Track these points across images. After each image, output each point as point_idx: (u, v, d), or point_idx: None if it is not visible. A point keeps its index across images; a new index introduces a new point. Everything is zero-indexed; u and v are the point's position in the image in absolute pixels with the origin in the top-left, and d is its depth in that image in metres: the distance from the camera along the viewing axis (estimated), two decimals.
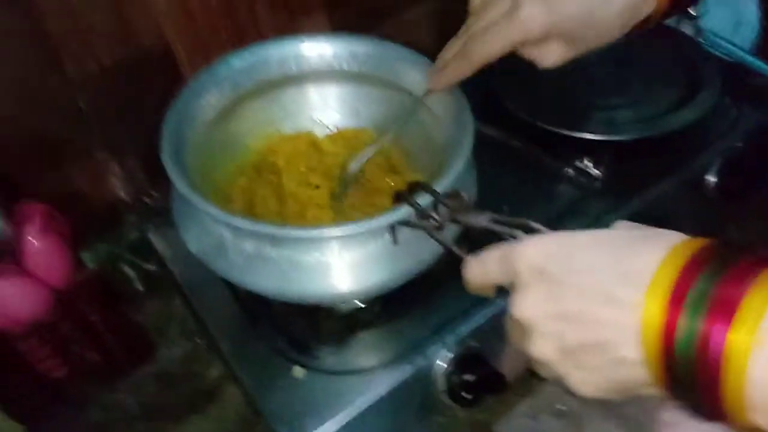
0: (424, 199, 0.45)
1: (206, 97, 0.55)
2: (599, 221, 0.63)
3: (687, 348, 0.27)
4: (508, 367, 0.56)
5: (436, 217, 0.44)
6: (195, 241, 0.51)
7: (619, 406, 0.62)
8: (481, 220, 0.41)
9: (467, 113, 0.53)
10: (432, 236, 0.45)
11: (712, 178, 0.69)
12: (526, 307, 0.33)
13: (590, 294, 0.31)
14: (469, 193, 0.53)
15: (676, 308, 0.28)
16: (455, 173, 0.47)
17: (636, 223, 0.34)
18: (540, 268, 0.33)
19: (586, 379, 0.32)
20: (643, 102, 0.71)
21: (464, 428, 0.60)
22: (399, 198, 0.47)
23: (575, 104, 0.71)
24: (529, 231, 0.37)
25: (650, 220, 0.64)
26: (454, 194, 0.44)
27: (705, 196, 0.70)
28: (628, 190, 0.65)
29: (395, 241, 0.47)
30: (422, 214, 0.45)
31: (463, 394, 0.54)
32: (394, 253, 0.48)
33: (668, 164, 0.67)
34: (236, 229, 0.47)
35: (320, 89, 0.62)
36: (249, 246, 0.48)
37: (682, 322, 0.27)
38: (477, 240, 0.41)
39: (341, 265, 0.48)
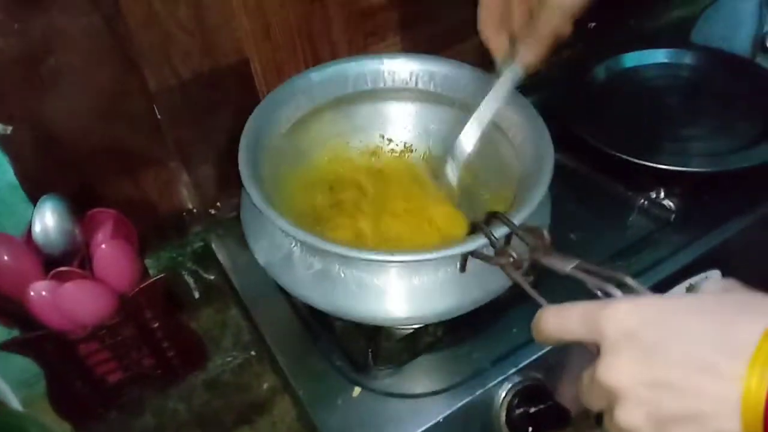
0: (500, 231, 0.44)
1: (284, 109, 0.56)
2: (673, 256, 0.61)
3: None
4: (571, 401, 0.53)
5: (514, 254, 0.41)
6: (263, 253, 0.51)
7: None
8: (565, 265, 0.38)
9: (548, 143, 0.52)
10: (508, 275, 0.42)
11: None
12: (617, 372, 0.32)
13: (688, 363, 0.30)
14: (543, 225, 0.51)
15: None
16: (532, 205, 0.46)
17: (729, 282, 0.33)
18: (632, 332, 0.31)
19: None
20: (720, 135, 0.69)
21: None
22: (475, 228, 0.45)
23: (648, 133, 0.70)
24: (621, 286, 0.35)
25: (725, 258, 0.62)
26: (534, 231, 0.42)
27: None
28: (702, 225, 0.63)
29: (463, 269, 0.46)
30: (499, 250, 0.43)
31: (524, 426, 0.52)
32: (463, 281, 0.47)
33: (745, 201, 0.65)
34: (306, 245, 0.47)
35: (393, 107, 0.63)
36: (317, 263, 0.47)
37: None
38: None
39: (408, 289, 0.47)
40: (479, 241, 0.44)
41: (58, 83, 0.56)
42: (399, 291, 0.47)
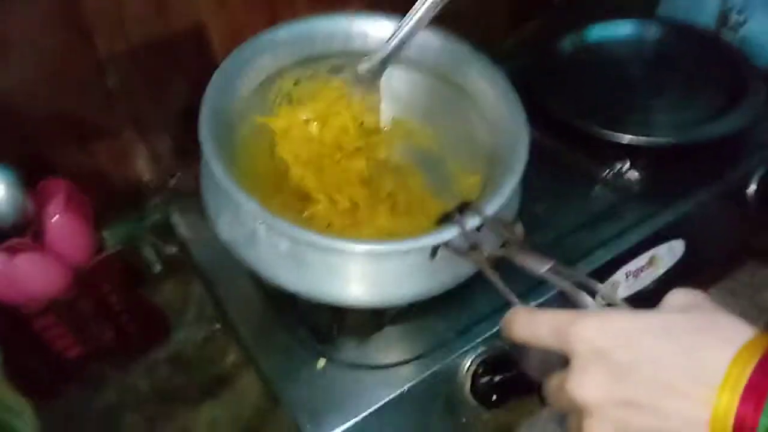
0: (472, 223, 0.43)
1: (247, 70, 0.53)
2: (636, 227, 0.61)
3: None
4: (535, 369, 0.54)
5: (486, 250, 0.41)
6: (226, 229, 0.49)
7: None
8: (539, 266, 0.37)
9: (523, 126, 0.50)
10: (479, 268, 0.41)
11: (753, 188, 0.67)
12: (586, 389, 0.32)
13: (658, 386, 0.31)
14: (513, 208, 0.51)
15: (750, 405, 0.28)
16: (505, 194, 0.45)
17: (696, 296, 0.33)
18: (602, 351, 0.32)
19: None
20: (684, 107, 0.69)
21: (488, 430, 0.59)
22: (447, 218, 0.45)
23: (613, 105, 0.69)
24: (594, 294, 0.35)
25: (688, 228, 0.63)
26: (507, 224, 0.41)
27: (745, 206, 0.68)
28: (666, 197, 0.63)
29: (433, 256, 0.45)
30: (472, 244, 0.42)
31: (489, 394, 0.52)
32: (433, 267, 0.46)
33: (708, 172, 0.66)
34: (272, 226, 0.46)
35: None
36: (284, 243, 0.46)
37: (762, 420, 0.28)
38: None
39: (377, 274, 0.46)
40: (451, 232, 0.43)
41: (3, 49, 0.53)
42: (367, 275, 0.46)
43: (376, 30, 0.57)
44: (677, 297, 0.34)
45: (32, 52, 0.55)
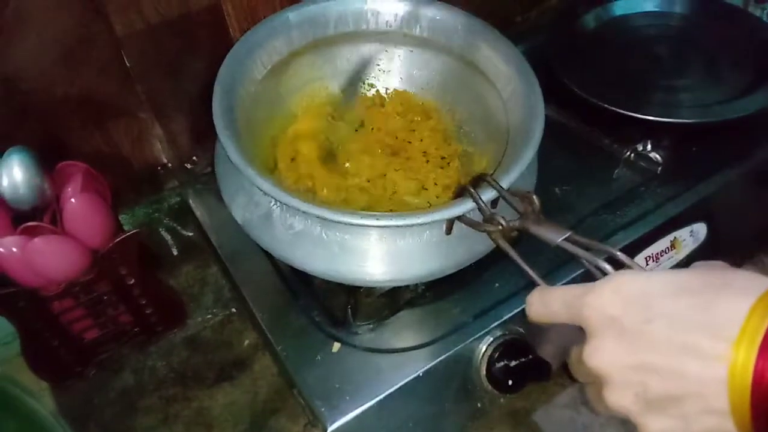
0: (488, 195, 0.42)
1: (260, 52, 0.53)
2: (659, 209, 0.60)
3: None
4: (552, 355, 0.53)
5: (503, 222, 0.40)
6: (241, 210, 0.49)
7: None
8: (556, 236, 0.36)
9: (539, 100, 0.50)
10: (497, 243, 0.41)
11: None
12: (602, 357, 0.32)
13: (672, 346, 0.30)
14: (530, 184, 0.50)
15: None
16: (521, 167, 0.45)
17: (717, 263, 0.33)
18: (615, 317, 0.31)
19: (666, 428, 0.31)
20: (709, 85, 0.67)
21: (502, 415, 0.59)
22: (462, 191, 0.44)
23: (636, 84, 0.68)
24: (612, 261, 0.34)
25: (712, 211, 0.62)
26: (524, 195, 0.40)
27: None
28: (689, 178, 0.62)
29: (449, 232, 0.45)
30: (487, 216, 0.41)
31: (505, 379, 0.52)
32: (448, 243, 0.46)
33: (733, 152, 0.64)
34: (287, 206, 0.45)
35: (376, 50, 0.60)
36: (298, 223, 0.46)
37: None
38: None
39: (392, 252, 0.46)
40: (466, 206, 0.43)
41: (19, 30, 0.53)
42: (382, 253, 0.46)
43: (388, 8, 0.56)
44: (698, 264, 0.33)
45: (49, 32, 0.55)
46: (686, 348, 0.29)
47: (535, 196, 0.39)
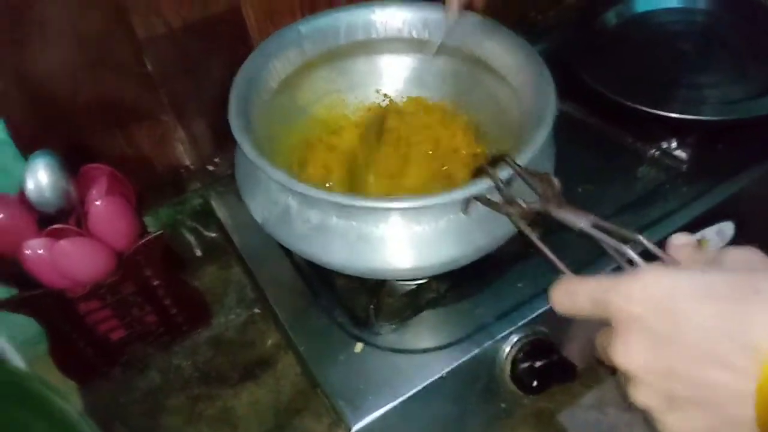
0: (506, 174, 0.42)
1: (273, 63, 0.54)
2: (684, 208, 0.59)
3: None
4: (577, 356, 0.53)
5: (522, 203, 0.39)
6: (259, 209, 0.50)
7: None
8: (578, 220, 0.35)
9: (549, 83, 0.49)
10: (517, 226, 0.39)
11: None
12: (628, 356, 0.31)
13: (699, 355, 0.29)
14: (548, 166, 0.50)
15: None
16: (536, 145, 0.44)
17: (751, 253, 0.31)
18: (642, 318, 0.30)
19: (688, 429, 0.31)
20: (734, 81, 0.66)
21: (527, 416, 0.58)
22: (480, 172, 0.43)
23: (660, 81, 0.67)
24: (637, 248, 0.33)
25: (738, 209, 0.61)
26: (542, 176, 0.39)
27: None
28: (715, 177, 0.61)
29: (466, 212, 0.44)
30: (506, 196, 0.40)
31: (529, 380, 0.52)
32: (467, 228, 0.46)
33: (759, 150, 0.63)
34: (302, 198, 0.46)
35: (388, 59, 0.60)
36: (315, 216, 0.46)
37: None
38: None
39: (410, 238, 0.46)
40: (483, 184, 0.42)
41: (42, 35, 0.54)
42: (400, 240, 0.46)
43: (395, 15, 0.57)
44: (731, 255, 0.32)
45: (71, 35, 0.55)
46: (713, 359, 0.28)
47: (554, 177, 0.38)
